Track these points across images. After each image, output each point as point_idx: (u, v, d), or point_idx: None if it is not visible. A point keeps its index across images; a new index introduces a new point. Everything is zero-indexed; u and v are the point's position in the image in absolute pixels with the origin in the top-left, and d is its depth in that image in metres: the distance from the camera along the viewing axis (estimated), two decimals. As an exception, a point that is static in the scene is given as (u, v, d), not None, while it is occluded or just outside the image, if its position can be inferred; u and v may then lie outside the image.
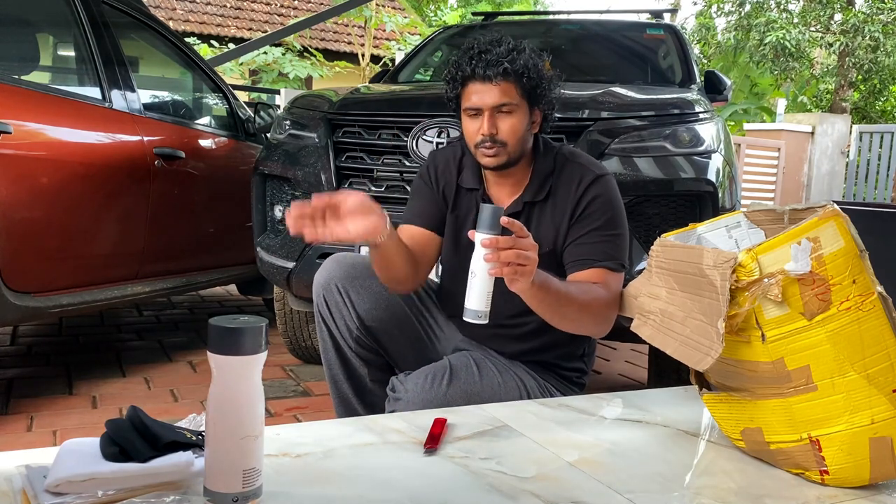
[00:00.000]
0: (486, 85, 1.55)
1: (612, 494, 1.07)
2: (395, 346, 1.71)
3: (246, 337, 0.91)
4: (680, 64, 3.34)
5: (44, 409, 2.40)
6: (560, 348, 1.69)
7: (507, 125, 1.56)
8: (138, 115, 2.81)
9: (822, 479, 1.12)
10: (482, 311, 1.29)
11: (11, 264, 2.24)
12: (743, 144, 7.88)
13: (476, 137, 1.58)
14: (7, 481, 0.99)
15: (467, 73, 1.56)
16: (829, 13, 12.84)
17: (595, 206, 1.60)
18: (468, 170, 1.72)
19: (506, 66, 1.53)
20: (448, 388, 1.53)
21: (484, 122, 1.56)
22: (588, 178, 1.62)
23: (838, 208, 1.09)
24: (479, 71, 1.54)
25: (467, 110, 1.59)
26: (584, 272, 1.55)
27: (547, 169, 1.65)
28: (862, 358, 1.08)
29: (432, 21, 16.26)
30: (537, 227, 1.62)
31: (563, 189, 1.63)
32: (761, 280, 1.07)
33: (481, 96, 1.55)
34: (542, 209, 1.64)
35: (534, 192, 1.64)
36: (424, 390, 1.53)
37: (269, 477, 1.03)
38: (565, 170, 1.64)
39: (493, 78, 1.54)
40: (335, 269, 1.69)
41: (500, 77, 1.54)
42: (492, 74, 1.53)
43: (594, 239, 1.58)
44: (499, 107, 1.55)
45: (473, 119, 1.58)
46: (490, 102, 1.55)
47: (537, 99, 1.60)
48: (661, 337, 1.24)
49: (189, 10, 12.67)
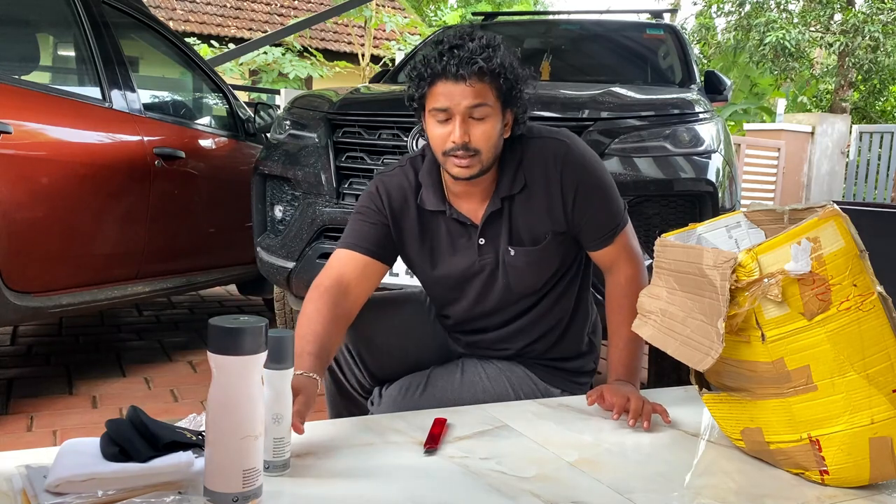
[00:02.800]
0: (458, 85, 1.38)
1: (612, 494, 1.07)
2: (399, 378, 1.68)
3: (246, 337, 0.91)
4: (680, 64, 3.35)
5: (44, 409, 2.40)
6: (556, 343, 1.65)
7: (479, 131, 1.40)
8: (138, 115, 2.81)
9: (822, 479, 1.12)
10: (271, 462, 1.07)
11: (12, 264, 2.24)
12: (743, 144, 7.88)
13: (446, 144, 1.41)
14: (7, 481, 0.99)
15: (437, 71, 1.39)
16: (829, 13, 12.83)
17: (580, 179, 1.49)
18: (427, 189, 1.54)
19: (481, 65, 1.37)
20: (420, 397, 1.52)
21: (456, 128, 1.39)
22: (560, 151, 1.50)
23: (838, 208, 1.09)
24: (450, 68, 1.37)
25: (434, 111, 1.41)
26: (607, 248, 1.53)
27: (514, 159, 1.51)
28: (862, 358, 1.08)
29: (432, 21, 16.27)
30: (525, 217, 1.52)
31: (538, 171, 1.50)
32: (761, 280, 1.07)
33: (452, 98, 1.38)
34: (522, 200, 1.51)
35: (508, 185, 1.50)
36: (396, 401, 1.52)
37: (270, 477, 1.03)
38: (529, 151, 1.51)
39: (468, 77, 1.37)
40: None
41: (474, 76, 1.37)
42: (466, 73, 1.37)
43: (601, 213, 1.52)
44: (472, 109, 1.39)
45: (442, 123, 1.41)
46: (463, 105, 1.38)
47: (512, 101, 1.45)
48: (661, 337, 1.24)
49: (189, 10, 12.67)
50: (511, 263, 1.53)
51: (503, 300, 1.58)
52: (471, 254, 1.54)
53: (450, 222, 1.54)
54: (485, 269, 1.55)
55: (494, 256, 1.54)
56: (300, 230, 2.48)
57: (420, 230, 1.56)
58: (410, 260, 1.61)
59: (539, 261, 1.54)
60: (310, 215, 2.46)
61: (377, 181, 1.59)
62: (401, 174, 1.58)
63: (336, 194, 2.44)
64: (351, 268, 1.49)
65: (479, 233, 1.53)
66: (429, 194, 1.54)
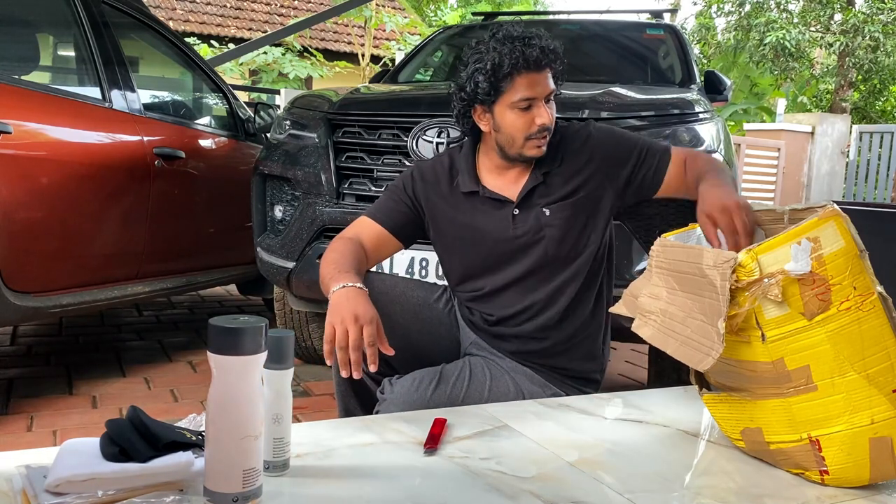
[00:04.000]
0: (540, 74, 1.53)
1: (612, 494, 1.06)
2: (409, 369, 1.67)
3: (246, 337, 0.91)
4: (680, 64, 3.35)
5: (44, 409, 2.40)
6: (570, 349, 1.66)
7: (552, 112, 1.58)
8: (138, 115, 2.81)
9: (822, 478, 1.12)
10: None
11: (11, 264, 2.24)
12: (743, 144, 7.88)
13: (530, 129, 1.55)
14: (7, 481, 0.99)
15: (519, 63, 1.51)
16: (829, 13, 12.84)
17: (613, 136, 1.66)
18: (463, 174, 1.68)
19: (555, 55, 1.54)
20: (433, 393, 1.53)
21: (543, 113, 1.54)
22: (588, 127, 1.68)
23: (838, 208, 1.09)
24: (531, 59, 1.51)
25: (519, 102, 1.54)
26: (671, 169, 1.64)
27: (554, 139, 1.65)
28: (862, 358, 1.08)
29: (432, 21, 16.27)
30: (561, 183, 1.63)
31: (574, 145, 1.65)
32: (761, 280, 1.07)
33: (537, 86, 1.53)
34: (558, 173, 1.65)
35: (549, 162, 1.63)
36: (409, 392, 1.53)
37: (269, 477, 1.03)
38: (564, 135, 1.67)
39: (544, 67, 1.53)
40: None
41: (550, 65, 1.54)
42: (545, 62, 1.53)
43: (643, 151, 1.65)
44: (550, 95, 1.56)
45: (524, 111, 1.55)
46: (546, 91, 1.54)
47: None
48: (661, 337, 1.24)
49: (189, 10, 12.67)
50: (548, 223, 1.61)
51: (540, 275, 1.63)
52: (505, 225, 1.64)
53: (484, 201, 1.66)
54: (521, 238, 1.63)
55: (531, 223, 1.62)
56: (300, 230, 2.48)
57: (456, 211, 1.68)
58: (445, 239, 1.71)
59: (573, 216, 1.62)
60: (310, 215, 2.46)
61: (414, 166, 1.76)
62: (437, 161, 1.74)
63: (336, 194, 2.44)
64: (368, 233, 1.66)
65: (516, 205, 1.64)
66: (464, 178, 1.67)
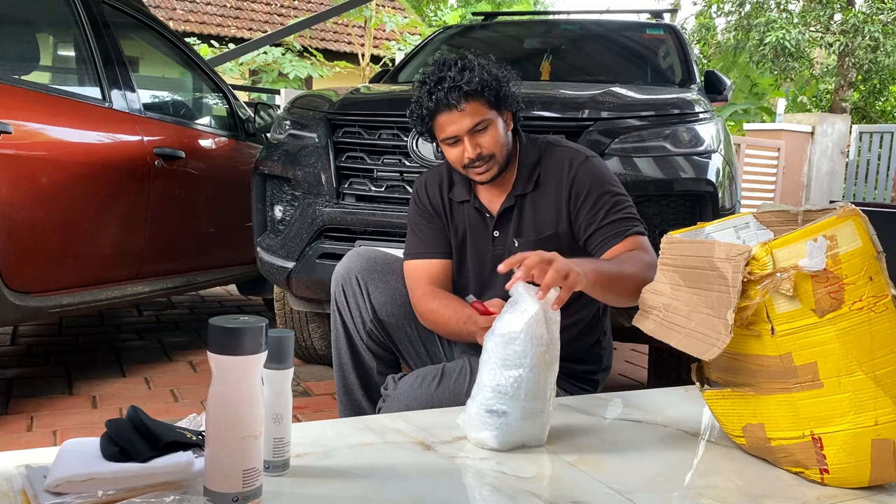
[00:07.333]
0: (454, 113, 1.55)
1: (612, 494, 1.06)
2: (406, 343, 1.76)
3: (246, 337, 0.91)
4: (680, 64, 3.34)
5: (44, 409, 2.40)
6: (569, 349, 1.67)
7: (487, 139, 1.58)
8: (138, 115, 2.81)
9: (822, 478, 1.12)
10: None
11: (11, 264, 2.24)
12: (743, 144, 7.88)
13: (462, 161, 1.60)
14: (7, 481, 0.99)
15: (432, 108, 1.56)
16: (829, 13, 12.83)
17: (592, 185, 1.61)
18: (458, 185, 1.73)
19: (465, 89, 1.53)
20: (436, 389, 1.56)
21: (466, 146, 1.57)
22: (577, 159, 1.64)
23: (858, 208, 1.08)
24: (442, 101, 1.55)
25: (445, 140, 1.60)
26: (616, 247, 1.57)
27: (532, 160, 1.67)
28: (871, 359, 1.07)
29: (432, 21, 16.26)
30: (533, 213, 1.65)
31: (553, 174, 1.65)
32: (774, 274, 1.06)
33: (454, 125, 1.56)
34: (534, 198, 1.66)
35: (523, 184, 1.66)
36: (413, 388, 1.57)
37: (270, 477, 1.03)
38: (552, 155, 1.67)
39: (458, 103, 1.54)
40: (356, 261, 1.75)
41: (463, 100, 1.54)
42: (455, 101, 1.54)
43: (609, 217, 1.60)
44: (474, 127, 1.56)
45: (454, 146, 1.60)
46: (465, 127, 1.56)
47: (503, 102, 1.60)
48: (663, 330, 1.24)
49: (189, 10, 12.66)
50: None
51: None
52: (486, 242, 1.68)
53: (472, 210, 1.70)
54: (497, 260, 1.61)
55: (507, 249, 1.64)
56: (300, 230, 2.48)
57: (452, 220, 1.73)
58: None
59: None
60: (310, 215, 2.46)
61: (415, 186, 1.80)
62: (436, 173, 1.79)
63: (336, 194, 2.44)
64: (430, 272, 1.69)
65: (494, 225, 1.68)
66: (459, 188, 1.72)
